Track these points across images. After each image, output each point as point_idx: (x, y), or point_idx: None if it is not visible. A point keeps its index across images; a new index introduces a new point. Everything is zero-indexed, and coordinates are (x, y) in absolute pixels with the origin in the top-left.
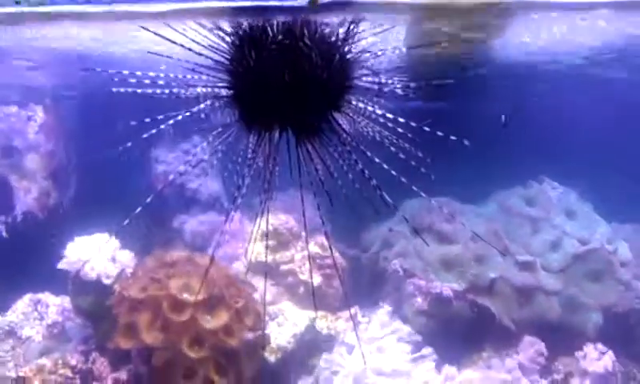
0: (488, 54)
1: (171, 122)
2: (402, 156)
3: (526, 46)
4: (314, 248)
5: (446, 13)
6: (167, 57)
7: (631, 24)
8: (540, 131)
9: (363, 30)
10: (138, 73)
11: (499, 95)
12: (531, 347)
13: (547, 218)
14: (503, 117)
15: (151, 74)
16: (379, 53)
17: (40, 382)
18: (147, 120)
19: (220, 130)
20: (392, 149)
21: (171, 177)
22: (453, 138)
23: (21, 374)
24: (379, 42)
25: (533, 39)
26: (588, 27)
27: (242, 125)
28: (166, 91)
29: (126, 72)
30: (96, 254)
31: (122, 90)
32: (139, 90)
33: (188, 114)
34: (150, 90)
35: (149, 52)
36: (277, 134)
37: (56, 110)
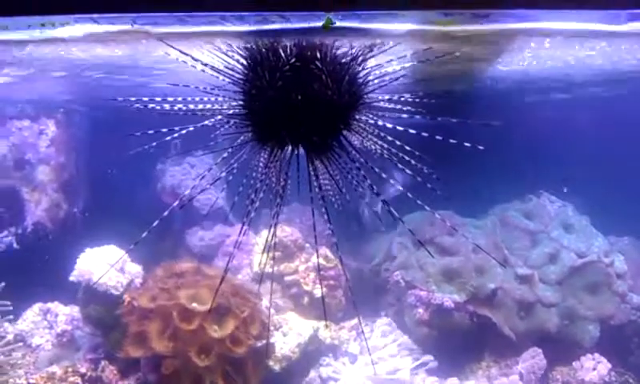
0: (489, 72)
1: (182, 133)
2: (408, 172)
3: (526, 64)
4: (317, 260)
5: (451, 38)
6: (185, 85)
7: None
8: (538, 147)
9: (372, 50)
10: (159, 99)
11: (499, 112)
12: (530, 357)
13: (545, 231)
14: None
15: (170, 99)
16: (385, 75)
17: None
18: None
19: (233, 146)
20: (398, 165)
21: (188, 192)
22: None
23: (32, 382)
24: (387, 61)
25: (532, 59)
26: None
27: (254, 142)
28: (183, 108)
29: (147, 99)
30: (106, 265)
31: (136, 105)
32: (154, 106)
33: (200, 127)
34: (167, 106)
35: (168, 83)
36: (288, 151)
37: (67, 124)
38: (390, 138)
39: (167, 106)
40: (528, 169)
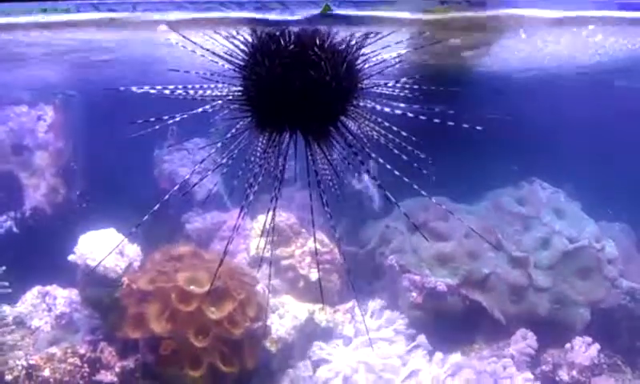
0: (482, 61)
1: (179, 119)
2: (404, 157)
3: (520, 53)
4: (314, 244)
5: (449, 27)
6: (186, 72)
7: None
8: (530, 134)
9: (369, 36)
10: (158, 87)
11: (492, 99)
12: (521, 339)
13: (537, 217)
14: None
15: (170, 87)
16: (383, 58)
17: (50, 370)
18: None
19: (232, 132)
20: (394, 150)
21: (188, 176)
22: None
23: (32, 363)
24: (384, 49)
25: (525, 47)
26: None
27: (253, 127)
28: (182, 93)
29: (147, 87)
30: (105, 248)
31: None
32: (152, 90)
33: (199, 112)
34: (167, 91)
35: (169, 69)
36: (287, 137)
37: (65, 110)
38: (386, 124)
39: (167, 92)
40: (521, 155)
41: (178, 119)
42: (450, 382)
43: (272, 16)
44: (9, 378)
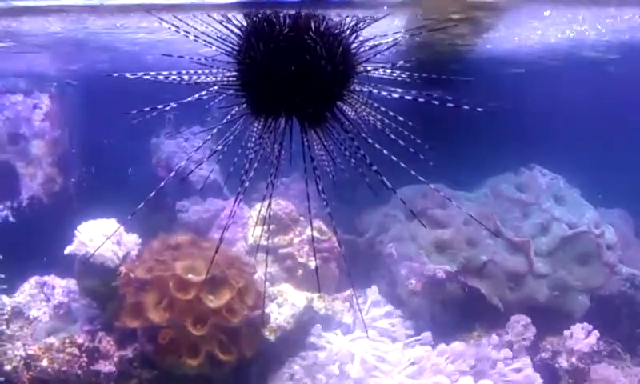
0: (481, 46)
1: (175, 106)
2: (401, 143)
3: (520, 39)
4: (311, 232)
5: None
6: (179, 56)
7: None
8: (531, 120)
9: (365, 19)
10: (152, 73)
11: (492, 85)
12: (520, 326)
13: (537, 203)
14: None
15: (164, 73)
16: (379, 42)
17: (48, 360)
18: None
19: (227, 118)
20: (392, 136)
21: (184, 162)
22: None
23: (30, 353)
24: (380, 33)
25: (525, 33)
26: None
27: (248, 113)
28: (176, 79)
29: (142, 74)
30: (103, 237)
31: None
32: (146, 77)
33: (194, 100)
34: (160, 77)
35: (163, 54)
36: (282, 122)
37: (61, 98)
38: (383, 109)
39: (161, 77)
40: (520, 141)
41: (174, 106)
42: (451, 369)
43: None
44: (7, 368)
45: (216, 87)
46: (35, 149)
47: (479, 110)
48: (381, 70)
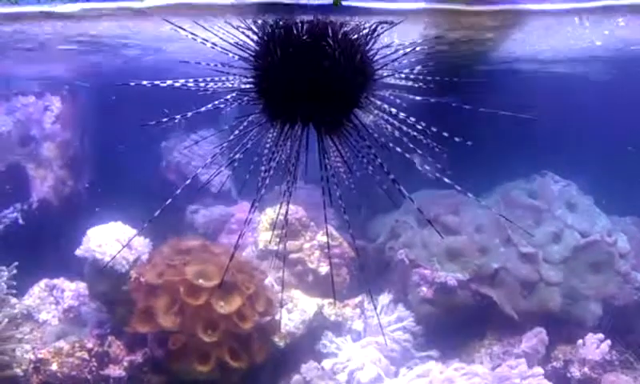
0: (495, 53)
1: (189, 114)
2: (419, 152)
3: (533, 46)
4: (322, 238)
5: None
6: (197, 63)
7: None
8: (543, 127)
9: (382, 25)
10: (169, 81)
11: (505, 92)
12: (533, 336)
13: (549, 211)
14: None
15: (181, 81)
16: (396, 49)
17: (58, 364)
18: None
19: (243, 123)
20: (409, 144)
21: (200, 170)
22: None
23: (40, 356)
24: (397, 41)
25: (539, 40)
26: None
27: (265, 119)
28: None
29: (159, 82)
30: (113, 241)
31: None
32: (163, 84)
33: (210, 107)
34: (177, 84)
35: (180, 60)
36: (299, 129)
37: (72, 100)
38: (401, 115)
39: (178, 85)
40: (532, 148)
41: (189, 115)
42: (462, 382)
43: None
44: (17, 371)
45: (233, 93)
46: (46, 151)
47: (502, 113)
48: (397, 76)
